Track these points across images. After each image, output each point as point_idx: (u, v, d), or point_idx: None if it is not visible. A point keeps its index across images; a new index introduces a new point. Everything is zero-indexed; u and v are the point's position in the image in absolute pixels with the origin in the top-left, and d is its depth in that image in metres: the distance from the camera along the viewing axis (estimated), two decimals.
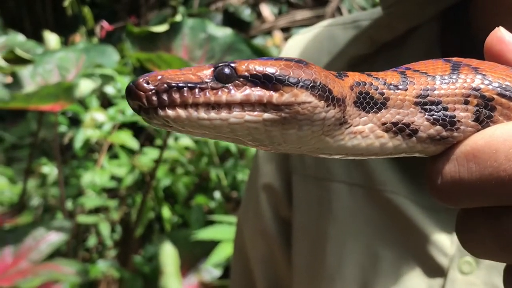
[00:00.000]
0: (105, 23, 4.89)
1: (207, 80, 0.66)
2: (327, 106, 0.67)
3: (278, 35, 6.96)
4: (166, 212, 4.11)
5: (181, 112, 0.64)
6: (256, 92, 0.65)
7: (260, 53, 3.45)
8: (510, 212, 0.60)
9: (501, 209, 0.61)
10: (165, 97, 0.64)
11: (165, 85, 0.65)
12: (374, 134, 0.71)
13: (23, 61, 3.34)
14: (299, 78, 0.66)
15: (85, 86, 3.40)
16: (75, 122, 5.28)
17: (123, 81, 4.08)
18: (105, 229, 4.09)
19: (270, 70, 0.66)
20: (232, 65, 0.67)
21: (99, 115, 4.57)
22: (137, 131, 4.95)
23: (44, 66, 3.68)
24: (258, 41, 6.70)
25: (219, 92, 0.65)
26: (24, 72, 3.64)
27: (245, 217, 1.60)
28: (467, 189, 0.63)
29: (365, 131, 0.71)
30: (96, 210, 4.43)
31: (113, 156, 4.80)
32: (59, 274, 3.25)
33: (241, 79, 0.66)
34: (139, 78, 0.66)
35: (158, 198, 4.16)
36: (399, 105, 0.70)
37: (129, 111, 4.60)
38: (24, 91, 3.50)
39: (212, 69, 0.67)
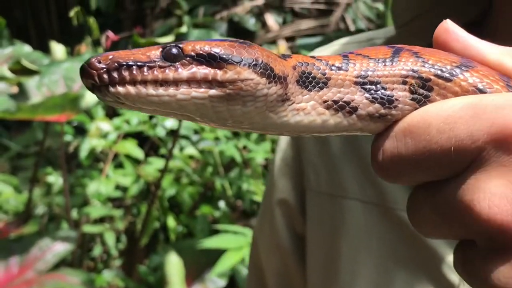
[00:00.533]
0: (110, 33, 4.90)
1: (155, 59, 0.70)
2: (268, 83, 0.70)
3: (282, 44, 6.98)
4: (171, 222, 4.12)
5: (131, 89, 0.68)
6: (202, 70, 0.69)
7: None
8: (446, 185, 0.63)
9: (438, 183, 0.65)
10: (115, 75, 0.68)
11: (116, 64, 0.68)
12: (316, 111, 0.74)
13: (29, 72, 3.35)
14: (242, 57, 0.70)
15: (91, 97, 3.41)
16: (80, 131, 5.30)
17: None
18: (110, 238, 4.10)
19: (214, 49, 0.70)
20: (180, 45, 0.71)
21: (104, 125, 4.59)
22: (142, 141, 4.96)
23: (50, 77, 3.69)
24: None
25: (167, 70, 0.69)
26: (30, 82, 3.65)
27: (261, 231, 1.61)
28: (405, 164, 0.66)
29: (307, 108, 0.74)
30: (101, 220, 4.44)
31: (118, 166, 4.81)
32: (65, 284, 3.26)
33: (188, 58, 0.70)
34: (92, 58, 0.70)
35: (163, 208, 4.17)
36: (340, 84, 0.74)
37: (134, 120, 4.63)
38: (30, 102, 3.51)
39: (161, 49, 0.71)
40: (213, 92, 0.69)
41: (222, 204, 4.37)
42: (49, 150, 5.59)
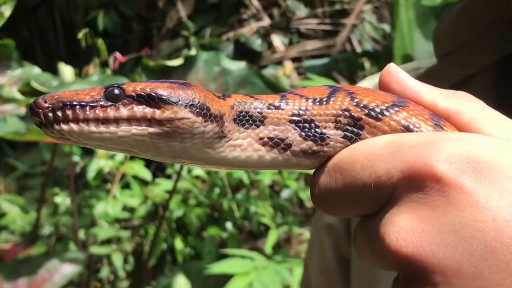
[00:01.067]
0: (118, 55, 4.91)
1: (98, 99, 0.76)
2: (205, 122, 0.77)
3: (289, 65, 7.00)
4: (178, 243, 4.12)
5: (74, 126, 0.75)
6: (141, 109, 0.76)
7: (273, 86, 3.47)
8: (371, 219, 0.67)
9: (368, 217, 0.68)
10: (59, 113, 0.75)
11: (60, 104, 0.75)
12: (252, 148, 0.80)
13: (39, 94, 3.36)
14: (179, 98, 0.76)
15: None
16: (87, 151, 5.31)
17: None
18: (118, 260, 4.09)
19: (153, 90, 0.76)
20: (121, 86, 0.77)
21: None
22: (148, 161, 4.97)
23: None
24: (269, 71, 6.73)
25: (108, 109, 0.75)
26: None
27: (310, 254, 1.66)
28: (336, 197, 0.71)
29: (244, 145, 0.80)
30: (108, 241, 4.44)
31: (125, 186, 4.82)
32: None
33: (129, 98, 0.76)
34: (39, 98, 0.76)
35: (170, 229, 4.17)
36: (276, 123, 0.80)
37: None
38: None
39: (104, 90, 0.76)
40: (152, 129, 0.75)
41: (229, 225, 4.37)
42: (56, 170, 5.60)
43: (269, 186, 4.47)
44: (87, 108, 0.75)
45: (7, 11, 3.34)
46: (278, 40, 7.25)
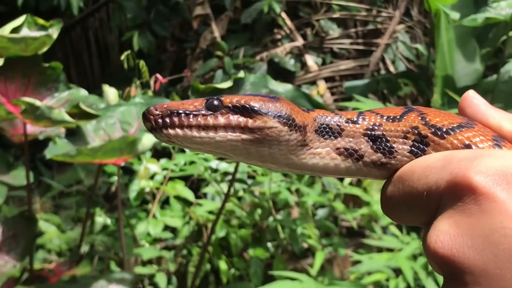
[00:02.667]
0: (159, 76, 4.96)
1: (200, 109, 0.88)
2: (290, 131, 0.88)
3: (322, 84, 7.02)
4: (222, 264, 4.12)
5: (179, 131, 0.87)
6: (236, 118, 0.87)
7: (319, 107, 3.47)
8: (429, 227, 0.72)
9: (426, 226, 0.74)
10: (168, 120, 0.88)
11: (168, 111, 0.88)
12: (329, 156, 0.91)
13: (88, 116, 3.40)
14: (269, 109, 0.87)
15: (147, 140, 3.44)
16: (125, 171, 5.35)
17: None
18: (162, 280, 4.10)
19: (247, 102, 0.88)
20: (220, 98, 0.89)
21: (153, 166, 4.64)
22: (184, 180, 4.99)
23: (106, 120, 3.74)
24: (303, 91, 6.73)
25: (208, 118, 0.87)
26: (88, 126, 3.70)
27: None
28: (398, 205, 0.80)
29: (322, 153, 0.91)
30: (149, 261, 4.45)
31: (163, 206, 4.84)
32: None
33: (226, 108, 0.88)
34: (151, 106, 0.89)
35: (215, 250, 4.17)
36: (352, 135, 0.90)
37: (182, 162, 4.66)
38: (89, 145, 3.56)
39: (205, 101, 0.89)
40: (245, 136, 0.87)
41: (269, 245, 4.38)
42: (89, 190, 5.64)
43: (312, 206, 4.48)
44: (191, 116, 0.88)
45: (54, 33, 3.39)
46: (311, 60, 7.27)
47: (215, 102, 0.88)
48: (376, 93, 6.48)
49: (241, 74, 3.42)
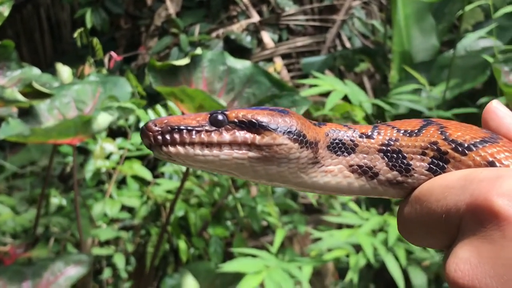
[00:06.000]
0: (114, 54, 4.87)
1: (203, 124, 0.83)
2: (301, 148, 0.83)
3: (278, 61, 6.99)
4: (182, 243, 4.08)
5: (180, 149, 0.82)
6: (242, 135, 0.82)
7: (278, 84, 3.45)
8: (448, 251, 0.69)
9: (446, 249, 0.71)
10: (167, 137, 0.82)
11: (169, 128, 0.82)
12: (342, 174, 0.86)
13: (41, 95, 3.32)
14: (278, 125, 0.82)
15: (103, 120, 3.38)
16: (81, 151, 5.26)
17: (143, 115, 4.09)
18: (120, 261, 4.06)
19: (255, 117, 0.83)
20: (225, 112, 0.84)
21: (109, 145, 4.56)
22: (142, 160, 4.93)
23: (61, 100, 3.66)
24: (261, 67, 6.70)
25: (212, 134, 0.83)
26: (41, 106, 3.62)
27: None
28: (415, 227, 0.75)
29: (335, 171, 0.86)
30: (106, 242, 4.39)
31: (119, 187, 4.78)
32: None
33: (231, 124, 0.83)
34: (149, 121, 0.84)
35: (174, 230, 4.13)
36: (366, 151, 0.85)
37: (138, 141, 4.60)
38: (43, 125, 3.48)
39: (209, 115, 0.84)
40: (251, 154, 0.82)
41: (229, 223, 4.35)
42: (44, 170, 5.54)
43: None
44: (193, 132, 0.83)
45: (5, 11, 3.29)
46: (267, 37, 7.22)
47: (220, 117, 0.83)
48: (333, 69, 6.47)
49: (199, 51, 3.38)
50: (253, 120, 0.82)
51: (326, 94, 4.27)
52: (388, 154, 0.84)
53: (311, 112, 4.04)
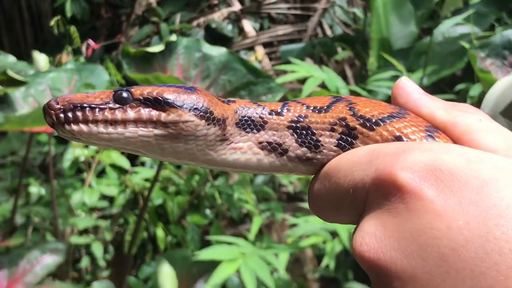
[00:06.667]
0: (91, 42, 4.85)
1: (106, 102, 0.81)
2: (208, 125, 0.82)
3: (260, 50, 6.98)
4: (160, 231, 4.08)
5: (83, 127, 0.80)
6: (148, 112, 0.81)
7: (254, 71, 3.45)
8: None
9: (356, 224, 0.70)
10: (70, 114, 0.80)
11: (71, 105, 0.80)
12: (251, 151, 0.86)
13: (16, 83, 3.30)
14: (184, 101, 0.81)
15: None
16: (59, 140, 5.25)
17: None
18: (98, 249, 4.05)
19: (160, 94, 0.81)
20: (130, 90, 0.82)
21: None
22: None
23: (36, 87, 3.64)
24: (238, 55, 6.69)
25: (116, 112, 0.81)
26: (16, 93, 3.60)
27: None
28: (325, 203, 0.75)
29: (244, 148, 0.85)
30: (85, 230, 4.39)
31: (100, 175, 4.77)
32: None
33: (136, 101, 0.81)
34: (51, 99, 0.82)
35: (152, 218, 4.13)
36: (275, 128, 0.85)
37: None
38: (18, 113, 3.46)
39: (113, 93, 0.82)
40: (157, 131, 0.81)
41: (208, 212, 4.35)
42: (24, 159, 5.52)
43: None
44: (96, 110, 0.81)
45: None
46: (249, 26, 7.22)
47: (124, 94, 0.81)
48: (313, 56, 6.46)
49: (173, 37, 3.36)
50: (159, 97, 0.81)
51: (304, 81, 4.27)
52: (298, 130, 0.84)
53: (288, 99, 4.04)
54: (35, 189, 4.66)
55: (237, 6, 7.30)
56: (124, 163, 4.35)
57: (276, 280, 3.45)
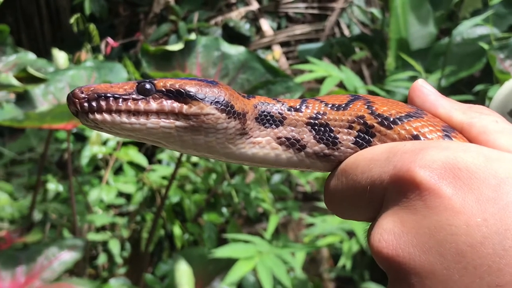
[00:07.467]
0: (110, 40, 4.87)
1: (130, 92, 0.83)
2: (228, 118, 0.83)
3: (277, 49, 6.97)
4: (177, 229, 4.10)
5: (107, 116, 0.82)
6: (170, 104, 0.82)
7: (272, 70, 3.45)
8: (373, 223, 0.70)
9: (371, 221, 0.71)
10: (94, 104, 0.81)
11: (95, 95, 0.82)
12: (270, 146, 0.87)
13: (36, 80, 3.32)
14: (206, 95, 0.83)
15: None
16: (78, 137, 5.27)
17: None
18: (115, 246, 4.07)
19: (182, 87, 0.83)
20: (153, 81, 0.84)
21: None
22: (141, 146, 4.94)
23: (55, 85, 3.67)
24: (256, 54, 6.69)
25: (139, 102, 0.82)
26: (36, 90, 3.63)
27: None
28: (342, 199, 0.76)
29: (263, 142, 0.87)
30: (102, 227, 4.41)
31: (116, 173, 4.79)
32: None
33: (159, 93, 0.83)
34: (76, 89, 0.84)
35: (169, 215, 4.14)
36: (294, 124, 0.86)
37: None
38: (38, 110, 3.48)
39: (136, 84, 0.84)
40: (179, 123, 0.82)
41: (224, 210, 4.36)
42: (43, 156, 5.54)
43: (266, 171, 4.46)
44: (120, 100, 0.82)
45: None
46: (266, 25, 7.21)
47: (147, 86, 0.83)
48: (330, 56, 6.45)
49: (193, 36, 3.37)
50: (181, 90, 0.83)
51: (322, 81, 4.27)
52: (316, 127, 0.86)
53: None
54: (53, 186, 4.68)
55: (255, 5, 7.30)
56: (142, 160, 4.37)
57: (292, 279, 3.46)
